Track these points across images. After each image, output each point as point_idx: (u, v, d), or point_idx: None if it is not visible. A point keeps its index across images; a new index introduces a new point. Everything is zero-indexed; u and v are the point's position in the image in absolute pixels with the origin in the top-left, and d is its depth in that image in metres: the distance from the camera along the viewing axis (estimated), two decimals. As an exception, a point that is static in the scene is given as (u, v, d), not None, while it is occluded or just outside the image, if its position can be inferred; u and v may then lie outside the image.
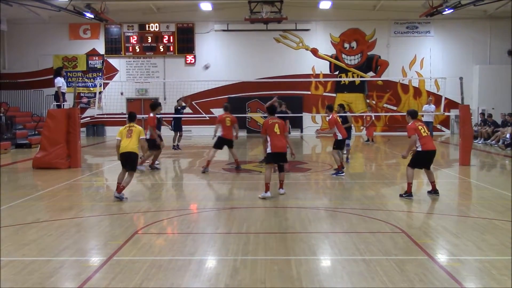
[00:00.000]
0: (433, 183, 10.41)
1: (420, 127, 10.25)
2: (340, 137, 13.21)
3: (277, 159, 10.28)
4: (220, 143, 14.06)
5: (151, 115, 14.16)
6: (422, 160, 10.31)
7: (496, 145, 20.99)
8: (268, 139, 10.23)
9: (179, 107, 20.27)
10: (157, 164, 14.62)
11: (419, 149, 10.23)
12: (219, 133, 14.12)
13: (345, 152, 15.13)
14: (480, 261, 6.13)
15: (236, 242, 6.94)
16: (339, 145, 13.31)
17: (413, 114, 10.56)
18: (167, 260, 6.21)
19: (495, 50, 28.59)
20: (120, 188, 9.98)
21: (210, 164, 13.89)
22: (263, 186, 10.60)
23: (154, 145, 13.84)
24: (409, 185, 10.15)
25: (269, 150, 10.22)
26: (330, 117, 13.29)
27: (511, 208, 8.99)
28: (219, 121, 14.15)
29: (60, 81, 17.30)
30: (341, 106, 16.48)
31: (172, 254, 6.51)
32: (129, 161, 10.10)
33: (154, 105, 14.49)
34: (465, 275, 5.73)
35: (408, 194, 10.13)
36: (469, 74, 27.36)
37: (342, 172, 13.12)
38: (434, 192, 10.37)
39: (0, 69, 28.59)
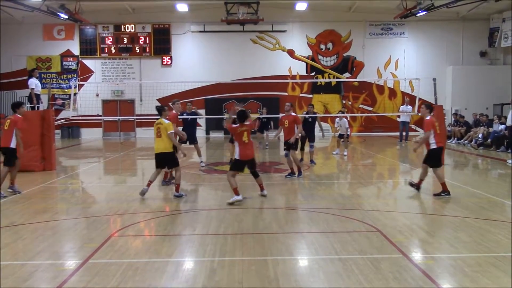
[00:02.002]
0: (421, 181, 10.49)
1: (436, 123, 10.22)
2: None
3: (243, 167, 10.08)
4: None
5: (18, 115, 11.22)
6: (438, 157, 10.24)
7: (468, 145, 21.37)
8: (237, 146, 9.94)
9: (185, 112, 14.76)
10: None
11: (434, 146, 10.12)
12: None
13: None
14: (453, 259, 6.25)
15: (213, 243, 6.95)
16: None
17: (432, 108, 10.52)
18: (144, 262, 6.18)
19: (467, 51, 29.16)
20: (175, 185, 10.42)
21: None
22: (240, 187, 10.65)
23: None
24: (443, 184, 10.11)
25: (237, 156, 9.94)
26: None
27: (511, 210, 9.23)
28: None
29: (33, 83, 17.05)
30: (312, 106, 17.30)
31: (148, 256, 6.49)
32: (166, 161, 10.42)
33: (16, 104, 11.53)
34: (438, 272, 5.84)
35: (445, 192, 10.09)
36: (443, 75, 27.83)
37: (294, 174, 12.86)
38: (417, 186, 10.48)
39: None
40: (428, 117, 10.33)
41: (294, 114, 12.99)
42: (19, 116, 11.11)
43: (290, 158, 12.84)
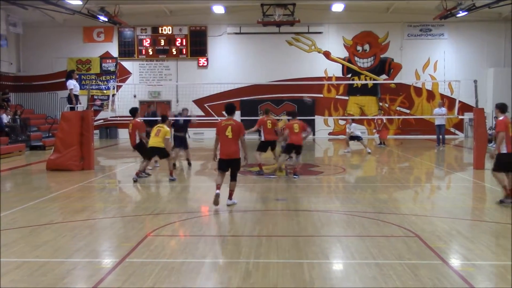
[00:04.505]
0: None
1: (510, 124, 9.35)
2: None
3: (226, 167, 9.37)
4: (264, 146, 14.15)
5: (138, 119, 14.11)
6: (506, 163, 9.42)
7: (510, 149, 20.73)
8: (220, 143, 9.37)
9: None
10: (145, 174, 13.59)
11: (504, 150, 9.38)
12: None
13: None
14: (495, 266, 6.06)
15: (248, 245, 6.93)
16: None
17: (502, 108, 9.68)
18: (179, 262, 6.21)
19: (510, 53, 28.27)
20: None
21: (262, 166, 14.08)
22: (276, 189, 10.64)
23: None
24: (505, 188, 9.47)
25: (218, 155, 9.44)
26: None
27: (511, 213, 8.94)
28: (260, 124, 14.11)
29: (71, 84, 17.39)
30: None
31: (184, 256, 6.51)
32: (156, 153, 12.87)
33: (134, 110, 14.38)
34: (479, 280, 5.66)
35: (509, 197, 9.43)
36: (483, 77, 27.12)
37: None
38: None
39: (15, 72, 28.89)
40: (500, 117, 9.57)
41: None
42: (138, 120, 13.88)
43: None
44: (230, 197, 9.49)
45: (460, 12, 23.71)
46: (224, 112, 9.84)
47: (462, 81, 19.87)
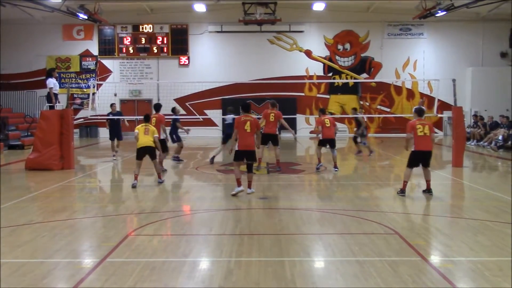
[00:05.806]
0: (428, 181, 10.56)
1: (418, 126, 10.37)
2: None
3: (243, 157, 10.40)
4: (264, 139, 13.67)
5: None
6: (416, 160, 10.52)
7: (488, 147, 21.10)
8: (238, 137, 10.46)
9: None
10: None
11: (413, 149, 10.51)
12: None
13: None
14: (473, 262, 6.16)
15: (230, 244, 6.94)
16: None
17: (419, 112, 10.76)
18: (161, 261, 6.19)
19: (487, 52, 28.75)
20: (136, 176, 11.90)
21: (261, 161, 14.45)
22: (257, 187, 10.68)
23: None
24: (404, 183, 10.54)
25: (236, 147, 10.47)
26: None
27: None
28: (263, 116, 14.18)
29: (51, 82, 17.18)
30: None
31: (165, 255, 6.50)
32: (148, 153, 12.03)
33: (159, 106, 14.80)
34: (458, 276, 5.75)
35: (401, 191, 10.52)
36: (462, 76, 27.46)
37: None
38: (428, 191, 10.56)
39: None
40: (412, 120, 10.63)
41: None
42: (161, 114, 13.89)
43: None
44: (249, 187, 10.44)
45: (439, 11, 23.98)
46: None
47: (441, 80, 20.12)
